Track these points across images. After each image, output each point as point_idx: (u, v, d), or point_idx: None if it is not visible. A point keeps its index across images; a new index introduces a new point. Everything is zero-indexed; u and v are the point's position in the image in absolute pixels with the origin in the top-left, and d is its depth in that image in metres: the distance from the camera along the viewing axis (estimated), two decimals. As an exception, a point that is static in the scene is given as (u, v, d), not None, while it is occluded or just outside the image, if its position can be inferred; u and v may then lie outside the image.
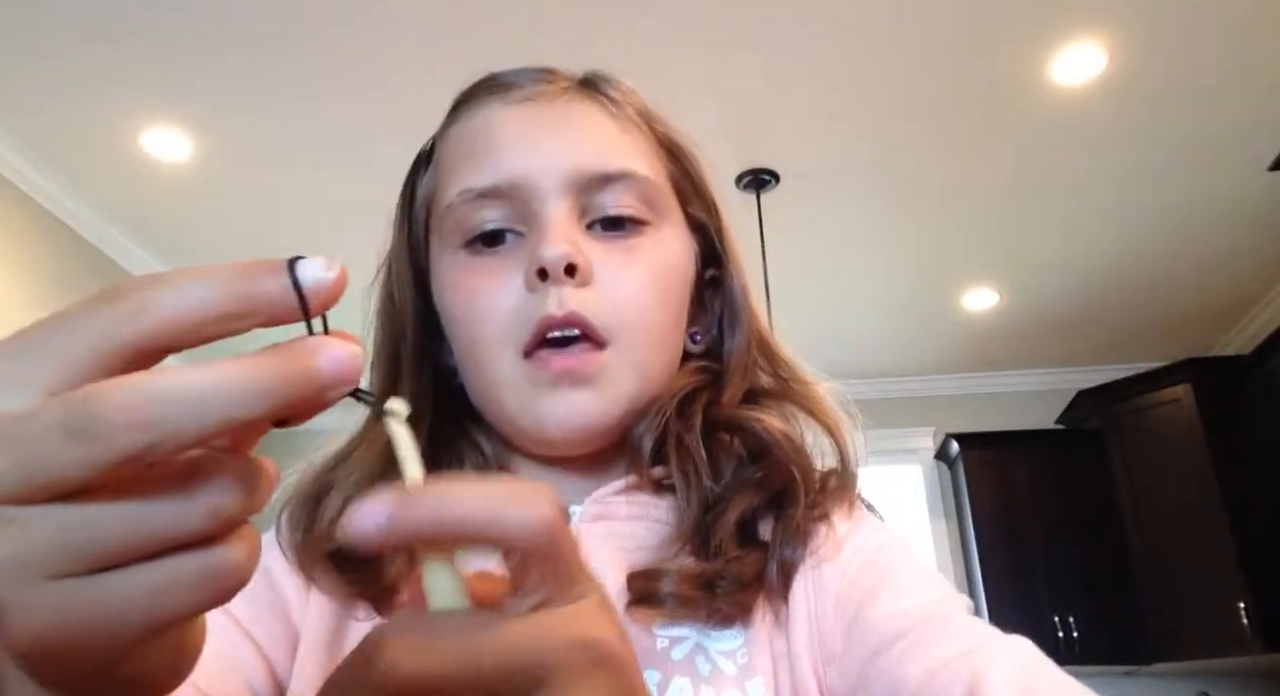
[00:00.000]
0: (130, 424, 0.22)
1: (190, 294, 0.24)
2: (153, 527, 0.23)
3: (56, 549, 0.23)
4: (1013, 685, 0.43)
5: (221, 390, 0.23)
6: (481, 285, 0.56)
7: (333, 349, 0.25)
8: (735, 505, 0.54)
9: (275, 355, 0.24)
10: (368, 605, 0.54)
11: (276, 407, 0.23)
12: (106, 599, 0.23)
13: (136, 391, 0.22)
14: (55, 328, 0.24)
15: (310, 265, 0.25)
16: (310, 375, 0.24)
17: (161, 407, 0.22)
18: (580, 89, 0.62)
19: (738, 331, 0.63)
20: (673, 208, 0.62)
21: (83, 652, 0.24)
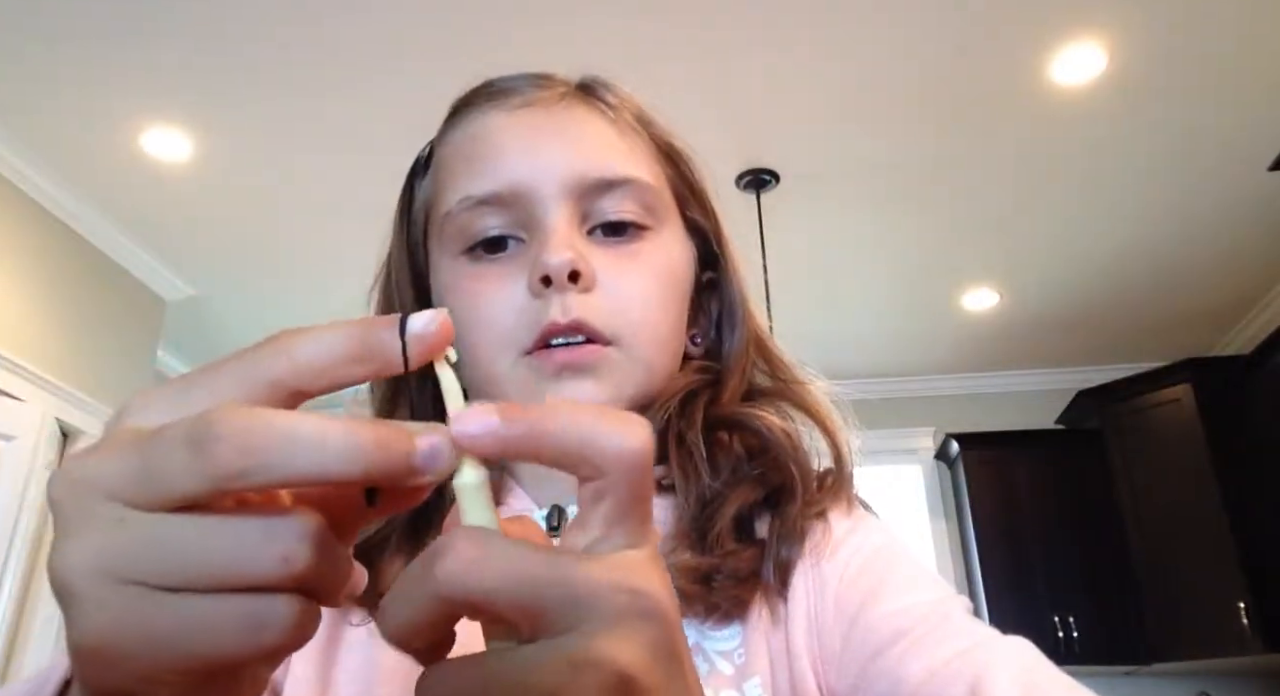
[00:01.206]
0: (237, 444, 0.24)
1: (323, 341, 0.27)
2: (227, 552, 0.25)
3: (143, 554, 0.25)
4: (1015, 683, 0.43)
5: (324, 438, 0.25)
6: (484, 291, 0.56)
7: (434, 439, 0.26)
8: (733, 501, 0.54)
9: (381, 426, 0.26)
10: (363, 610, 0.54)
11: (368, 471, 0.25)
12: (160, 618, 0.24)
13: (252, 417, 0.24)
14: (214, 367, 0.27)
15: (417, 319, 0.28)
16: (405, 453, 0.26)
17: (268, 437, 0.24)
18: (578, 94, 0.62)
19: (736, 333, 0.63)
20: (671, 212, 0.62)
21: (125, 666, 0.25)
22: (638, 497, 0.28)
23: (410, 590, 0.26)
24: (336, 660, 0.55)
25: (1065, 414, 4.78)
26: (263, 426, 0.24)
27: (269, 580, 0.25)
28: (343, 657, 0.55)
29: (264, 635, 0.25)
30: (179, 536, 0.25)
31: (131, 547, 0.25)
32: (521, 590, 0.25)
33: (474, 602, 0.25)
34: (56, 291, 3.35)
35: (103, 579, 0.24)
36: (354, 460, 0.25)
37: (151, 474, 0.25)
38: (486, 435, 0.27)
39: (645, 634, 0.26)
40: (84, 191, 3.33)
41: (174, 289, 3.92)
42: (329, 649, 0.55)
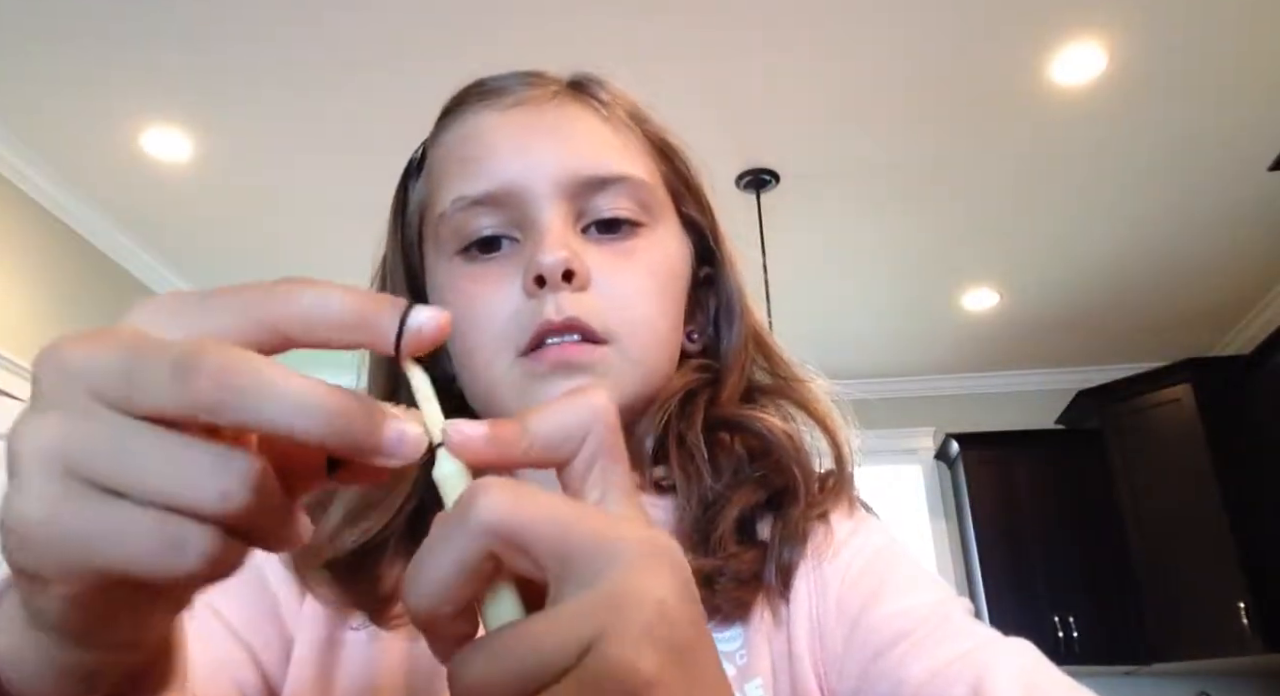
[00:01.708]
0: (217, 379, 0.25)
1: (327, 300, 0.27)
2: (173, 471, 0.25)
3: (98, 449, 0.25)
4: (1016, 684, 0.43)
5: (299, 396, 0.25)
6: (479, 292, 0.56)
7: (405, 426, 0.27)
8: (735, 503, 0.54)
9: (358, 400, 0.26)
10: (363, 615, 0.54)
11: (331, 437, 0.26)
12: (88, 516, 0.25)
13: (239, 358, 0.25)
14: (221, 294, 0.28)
15: (420, 313, 0.28)
16: (372, 431, 0.26)
17: (247, 380, 0.25)
18: (570, 92, 0.61)
19: (734, 329, 0.63)
20: (667, 208, 0.62)
21: (39, 553, 0.25)
22: (619, 458, 0.30)
23: (447, 535, 0.27)
24: (336, 664, 0.55)
25: (1065, 414, 4.78)
26: (246, 369, 0.25)
27: (201, 510, 0.25)
28: (342, 661, 0.55)
29: (178, 559, 0.25)
30: (136, 442, 0.25)
31: (90, 441, 0.25)
32: (557, 527, 0.26)
33: (514, 536, 0.26)
34: (56, 291, 3.35)
35: (52, 464, 0.25)
36: (321, 423, 0.25)
37: (132, 381, 0.25)
38: (483, 443, 0.28)
39: (670, 569, 0.27)
40: (84, 191, 3.32)
41: (174, 289, 3.92)
42: (328, 652, 0.55)
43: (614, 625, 0.25)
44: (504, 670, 0.25)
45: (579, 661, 0.25)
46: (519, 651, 0.25)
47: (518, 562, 0.27)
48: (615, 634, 0.25)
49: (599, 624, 0.25)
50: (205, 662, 0.51)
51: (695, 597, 0.28)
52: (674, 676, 0.25)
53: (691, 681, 0.26)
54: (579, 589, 0.26)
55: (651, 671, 0.25)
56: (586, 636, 0.25)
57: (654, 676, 0.25)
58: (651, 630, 0.25)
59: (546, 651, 0.25)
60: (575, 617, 0.25)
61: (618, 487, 0.30)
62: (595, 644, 0.25)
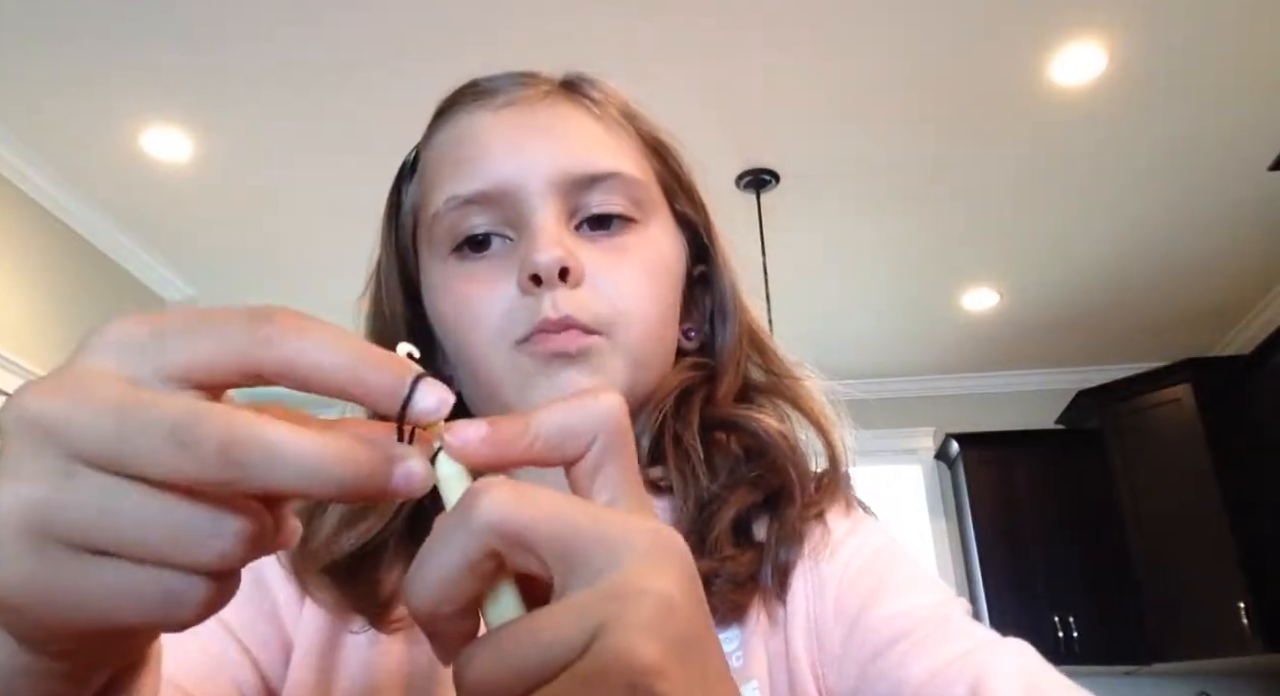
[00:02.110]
0: (222, 454, 0.24)
1: (320, 352, 0.26)
2: (170, 535, 0.24)
3: (81, 516, 0.24)
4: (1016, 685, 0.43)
5: (306, 457, 0.25)
6: (473, 291, 0.56)
7: (412, 465, 0.27)
8: (731, 504, 0.54)
9: (364, 448, 0.26)
10: (363, 618, 0.54)
11: (343, 491, 0.26)
12: (78, 581, 0.24)
13: (242, 427, 0.24)
14: (196, 324, 0.26)
15: (428, 396, 0.27)
16: (381, 480, 0.26)
17: (254, 451, 0.24)
18: (562, 91, 0.62)
19: (729, 326, 0.63)
20: (660, 205, 0.62)
21: (28, 618, 0.25)
22: (628, 457, 0.30)
23: (449, 534, 0.27)
24: (336, 667, 0.55)
25: (1065, 414, 4.78)
26: (250, 438, 0.24)
27: (199, 568, 0.25)
28: (342, 665, 0.55)
29: (178, 611, 0.25)
30: (123, 504, 0.24)
31: (71, 507, 0.24)
32: (560, 526, 0.26)
33: (517, 535, 0.26)
34: (56, 291, 3.35)
35: (30, 532, 0.24)
36: (332, 480, 0.25)
37: (124, 448, 0.24)
38: (482, 444, 0.28)
39: (675, 565, 0.27)
40: (84, 191, 3.32)
41: (174, 289, 3.92)
42: (328, 656, 0.55)
43: (616, 617, 0.25)
44: (508, 665, 0.25)
45: (583, 654, 0.25)
46: (523, 646, 0.25)
47: (520, 560, 0.27)
48: (617, 626, 0.25)
49: (601, 617, 0.25)
50: (204, 663, 0.51)
51: (701, 594, 0.28)
52: (676, 668, 0.25)
53: (694, 674, 0.26)
54: (583, 584, 0.26)
55: (653, 662, 0.25)
56: (589, 629, 0.25)
57: (655, 666, 0.25)
58: (654, 622, 0.25)
59: (549, 645, 0.25)
60: (578, 611, 0.25)
61: (626, 488, 0.30)
62: (598, 636, 0.25)
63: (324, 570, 0.54)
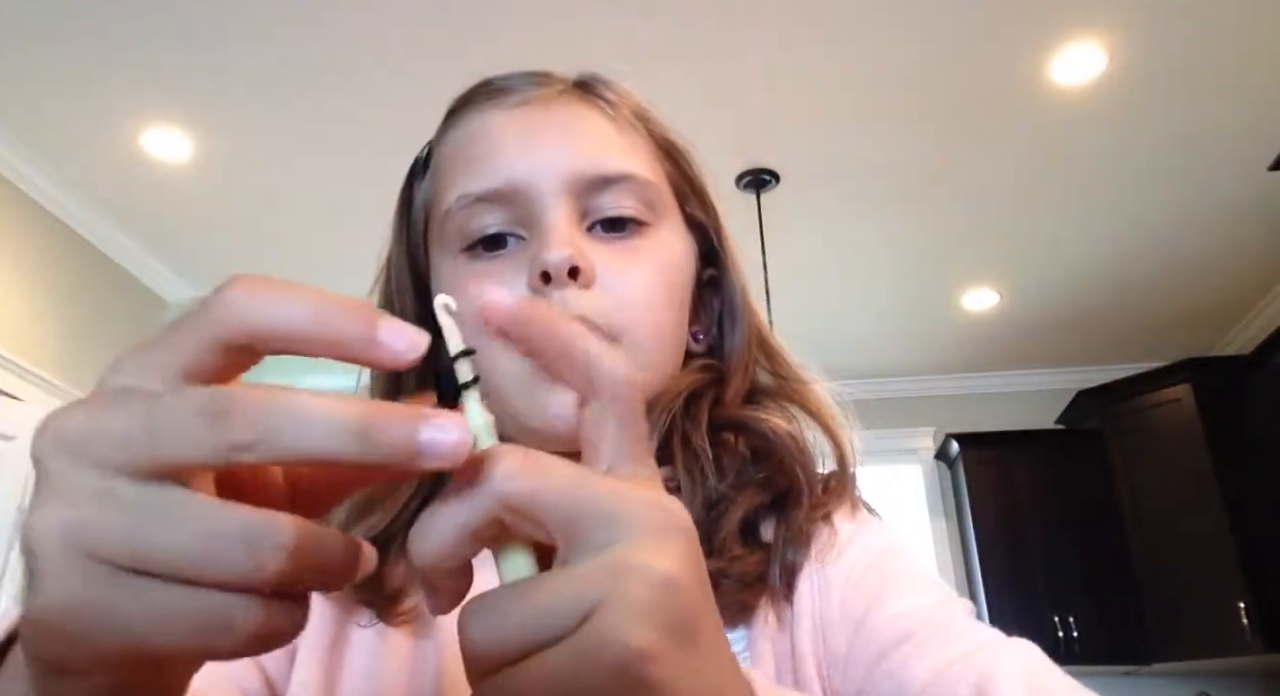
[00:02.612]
0: (250, 418, 0.24)
1: (278, 309, 0.26)
2: (203, 546, 0.24)
3: (120, 532, 0.24)
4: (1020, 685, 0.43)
5: (334, 420, 0.25)
6: (484, 289, 0.56)
7: (443, 425, 0.26)
8: (739, 504, 0.54)
9: (390, 412, 0.26)
10: (370, 612, 0.54)
11: (365, 456, 0.25)
12: (121, 602, 0.24)
13: (269, 393, 0.25)
14: (174, 327, 0.27)
15: (397, 334, 0.27)
16: (409, 437, 0.26)
17: (283, 415, 0.25)
18: (576, 91, 0.62)
19: (738, 329, 0.63)
20: (671, 208, 0.62)
21: (72, 643, 0.25)
22: (635, 424, 0.30)
23: (460, 495, 0.27)
24: (342, 662, 0.55)
25: (1065, 414, 4.78)
26: (278, 404, 0.25)
27: (236, 582, 0.24)
28: (348, 659, 0.55)
29: (221, 638, 0.24)
30: (152, 516, 0.24)
31: (109, 524, 0.24)
32: (565, 498, 0.27)
33: (522, 506, 0.27)
34: (56, 291, 3.35)
35: (71, 551, 0.24)
36: (358, 445, 0.25)
37: (159, 437, 0.24)
38: (508, 308, 0.30)
39: (679, 544, 0.27)
40: (84, 191, 3.32)
41: (174, 289, 3.92)
42: (334, 650, 0.55)
43: (613, 595, 0.25)
44: (509, 626, 0.26)
45: (578, 628, 0.25)
46: (524, 610, 0.26)
47: (526, 529, 0.27)
48: (613, 605, 0.25)
49: (599, 593, 0.25)
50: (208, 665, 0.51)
51: (703, 570, 0.28)
52: (670, 651, 0.25)
53: (689, 656, 0.26)
54: (586, 557, 0.26)
55: (645, 645, 0.25)
56: (586, 604, 0.25)
57: (648, 650, 0.25)
58: (651, 603, 0.25)
59: (548, 613, 0.26)
60: (579, 583, 0.26)
61: (635, 455, 0.30)
62: (594, 612, 0.25)
63: None
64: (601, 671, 0.25)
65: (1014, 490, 4.53)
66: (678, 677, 0.25)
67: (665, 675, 0.25)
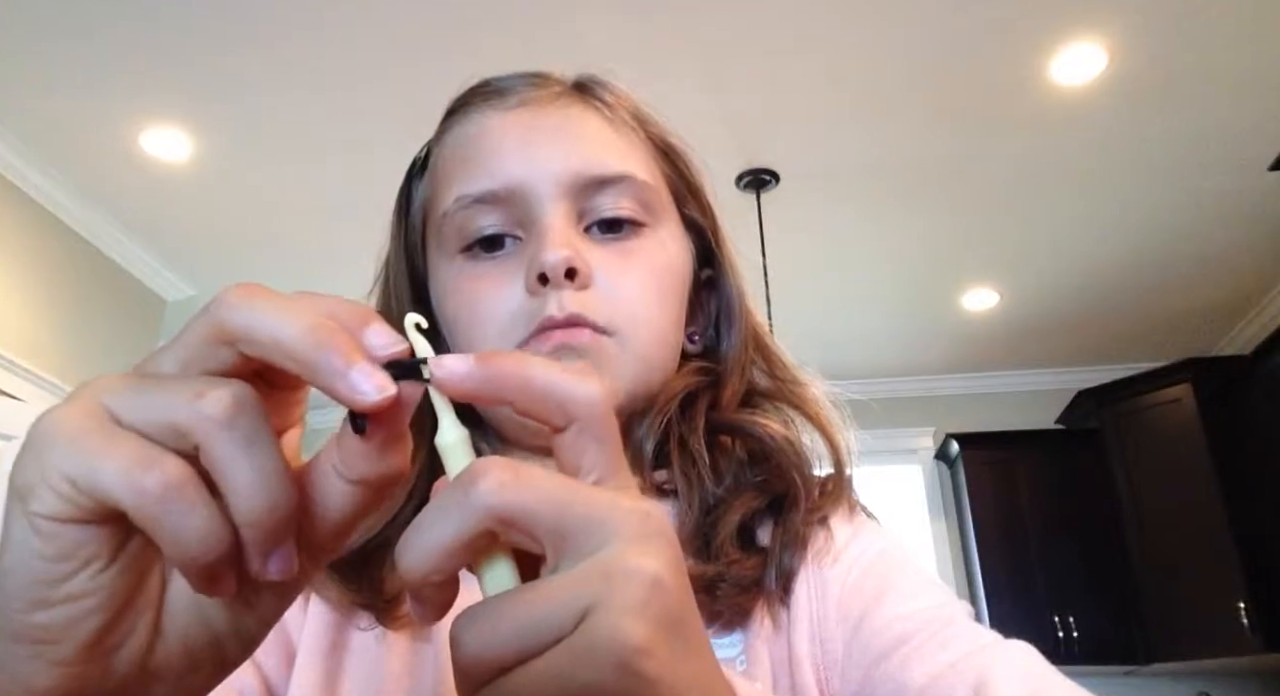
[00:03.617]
0: (237, 324, 0.29)
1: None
2: (172, 386, 0.28)
3: (125, 393, 0.29)
4: (1019, 686, 0.43)
5: (286, 321, 0.28)
6: (481, 290, 0.56)
7: (366, 379, 0.28)
8: (736, 508, 0.54)
9: (340, 337, 0.28)
10: (369, 615, 0.54)
11: (306, 363, 0.28)
12: (101, 442, 0.27)
13: (250, 289, 0.29)
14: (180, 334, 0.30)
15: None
16: (338, 368, 0.28)
17: (250, 302, 0.29)
18: (574, 93, 0.62)
19: (734, 331, 0.63)
20: (669, 209, 0.62)
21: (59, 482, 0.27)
22: (614, 438, 0.30)
23: (447, 509, 0.27)
24: (342, 666, 0.55)
25: (1065, 414, 4.78)
26: (254, 316, 0.28)
27: (181, 416, 0.27)
28: (348, 663, 0.55)
29: (144, 478, 0.26)
30: (155, 376, 0.29)
31: (125, 390, 0.28)
32: (554, 508, 0.27)
33: (513, 517, 0.27)
34: (56, 291, 3.34)
35: (109, 420, 0.28)
36: (299, 346, 0.27)
37: (187, 361, 0.29)
38: (464, 375, 0.29)
39: (664, 546, 0.28)
40: (84, 191, 3.32)
41: (174, 289, 3.92)
42: (334, 655, 0.55)
43: (607, 596, 0.26)
44: (502, 635, 0.26)
45: (574, 629, 0.26)
46: (518, 616, 0.26)
47: (515, 538, 0.28)
48: (608, 604, 0.26)
49: (593, 594, 0.26)
50: None
51: (684, 570, 0.29)
52: (664, 647, 0.26)
53: (681, 651, 0.27)
54: (576, 562, 0.27)
55: (642, 641, 0.26)
56: (581, 605, 0.26)
57: (644, 646, 0.26)
58: (643, 602, 0.26)
59: (543, 618, 0.26)
60: (572, 587, 0.26)
61: (613, 468, 0.30)
62: (589, 613, 0.26)
63: (330, 566, 0.54)
64: (600, 669, 0.25)
65: (1014, 490, 4.53)
66: (672, 672, 0.26)
67: (661, 670, 0.26)
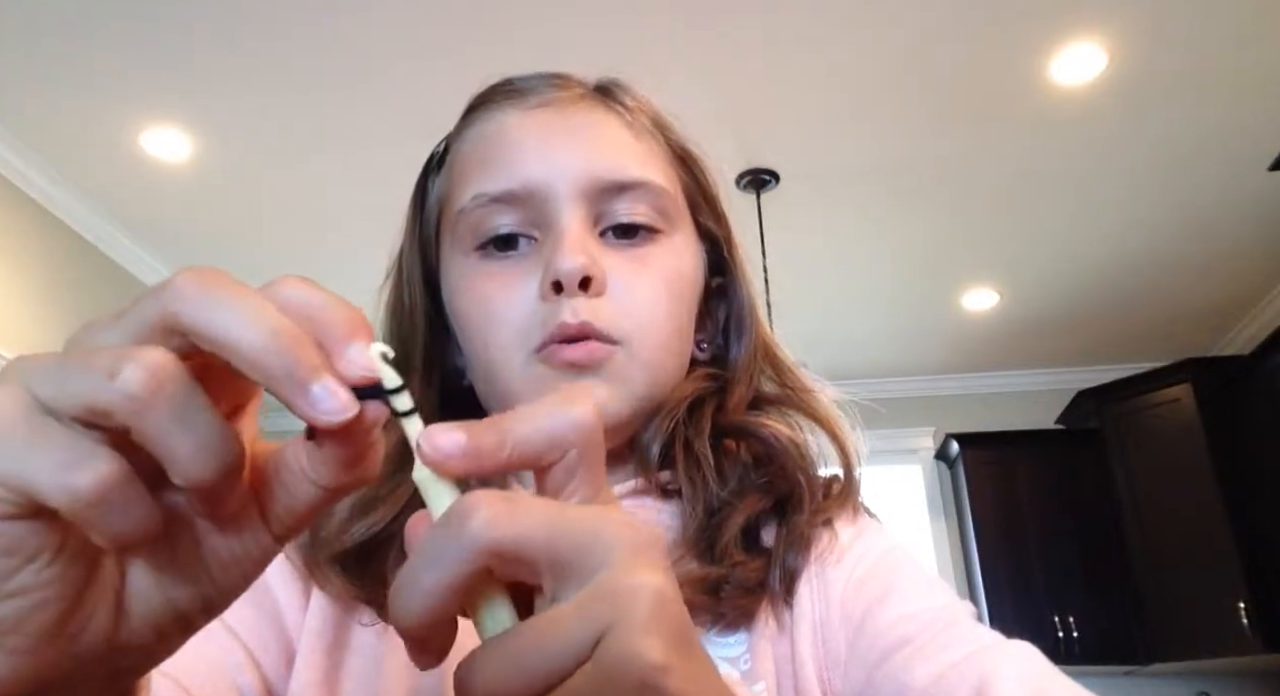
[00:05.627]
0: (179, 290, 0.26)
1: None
2: (87, 359, 0.26)
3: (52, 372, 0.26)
4: (1021, 687, 0.43)
5: (249, 322, 0.26)
6: (495, 290, 0.56)
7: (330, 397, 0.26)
8: (740, 510, 0.54)
9: (304, 349, 0.26)
10: (372, 609, 0.54)
11: (264, 370, 0.26)
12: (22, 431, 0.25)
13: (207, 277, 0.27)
14: (127, 308, 0.28)
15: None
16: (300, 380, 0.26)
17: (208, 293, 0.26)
18: (595, 96, 0.62)
19: (744, 340, 0.63)
20: (684, 216, 0.62)
21: None
22: (598, 458, 0.30)
23: (440, 551, 0.26)
24: (343, 662, 0.55)
25: (1065, 414, 4.78)
26: (196, 298, 0.26)
27: (101, 400, 0.25)
28: (349, 660, 0.55)
29: (74, 479, 0.24)
30: (81, 353, 0.26)
31: (49, 371, 0.26)
32: (550, 535, 0.26)
33: (509, 552, 0.26)
34: (56, 291, 3.34)
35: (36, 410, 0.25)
36: (258, 352, 0.25)
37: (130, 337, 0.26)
38: (459, 455, 0.28)
39: (657, 557, 0.28)
40: (84, 191, 3.32)
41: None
42: (335, 650, 0.55)
43: (618, 617, 0.25)
44: (516, 671, 0.26)
45: (591, 655, 0.25)
46: (528, 652, 0.26)
47: (511, 571, 0.27)
48: (621, 626, 0.25)
49: (604, 618, 0.25)
50: (206, 664, 0.51)
51: (674, 577, 0.29)
52: (680, 660, 0.26)
53: (694, 662, 0.27)
54: (578, 587, 0.26)
55: (659, 659, 0.25)
56: (594, 632, 0.25)
57: (664, 662, 0.25)
58: (652, 618, 0.26)
59: (555, 649, 0.25)
60: (580, 614, 0.26)
61: (597, 487, 0.30)
62: (603, 638, 0.25)
63: (334, 559, 0.54)
64: (625, 692, 0.25)
65: (1014, 490, 4.53)
66: (690, 684, 0.26)
67: (680, 685, 0.26)
